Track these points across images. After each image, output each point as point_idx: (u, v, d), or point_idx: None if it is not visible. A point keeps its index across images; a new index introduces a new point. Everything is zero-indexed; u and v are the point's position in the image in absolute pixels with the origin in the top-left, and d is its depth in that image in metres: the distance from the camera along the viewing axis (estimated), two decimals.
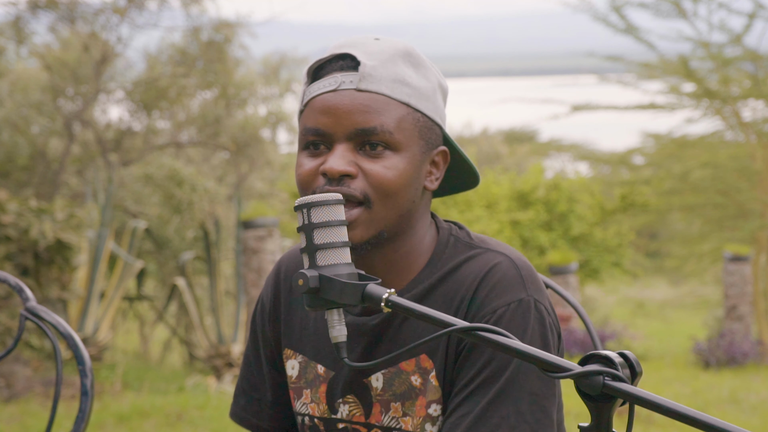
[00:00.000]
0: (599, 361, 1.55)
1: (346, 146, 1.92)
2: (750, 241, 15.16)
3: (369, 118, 1.91)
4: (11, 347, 2.37)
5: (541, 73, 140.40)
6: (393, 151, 1.93)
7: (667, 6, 15.09)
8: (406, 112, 1.94)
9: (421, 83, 1.96)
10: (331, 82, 1.94)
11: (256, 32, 15.56)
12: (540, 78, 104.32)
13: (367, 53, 1.94)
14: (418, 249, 2.00)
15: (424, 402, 1.97)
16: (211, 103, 15.83)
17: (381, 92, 1.93)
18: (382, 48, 1.96)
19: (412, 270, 2.01)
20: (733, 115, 15.41)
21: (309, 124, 1.95)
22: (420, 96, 1.95)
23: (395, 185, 1.92)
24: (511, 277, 1.95)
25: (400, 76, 1.94)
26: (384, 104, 1.93)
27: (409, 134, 1.94)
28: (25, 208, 9.26)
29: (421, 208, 1.99)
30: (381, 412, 2.01)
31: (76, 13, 14.58)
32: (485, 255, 1.99)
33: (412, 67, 1.96)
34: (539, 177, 17.51)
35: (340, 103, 1.93)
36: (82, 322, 10.47)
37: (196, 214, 14.14)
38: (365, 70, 1.93)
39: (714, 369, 12.52)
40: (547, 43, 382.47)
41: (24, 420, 8.00)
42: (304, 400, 2.08)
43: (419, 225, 2.00)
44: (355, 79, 1.93)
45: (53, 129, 14.40)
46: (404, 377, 1.98)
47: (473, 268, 1.97)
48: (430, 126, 1.97)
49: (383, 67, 1.94)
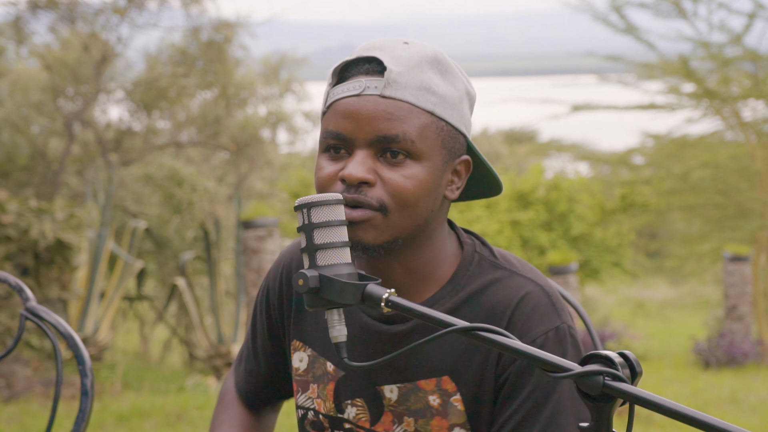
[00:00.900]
0: (599, 361, 1.55)
1: (366, 152, 1.89)
2: (750, 241, 15.16)
3: (391, 125, 1.88)
4: (11, 347, 2.37)
5: (541, 73, 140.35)
6: (414, 160, 1.89)
7: (667, 6, 15.09)
8: (429, 120, 1.90)
9: (448, 91, 1.93)
10: (356, 86, 1.91)
11: (256, 32, 15.55)
12: (540, 78, 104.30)
13: (394, 58, 1.91)
14: (438, 259, 1.98)
15: (445, 424, 1.96)
16: (211, 103, 15.83)
17: (405, 99, 1.89)
18: (410, 53, 1.92)
19: (432, 281, 1.99)
20: (733, 115, 15.41)
21: (331, 126, 1.92)
22: (445, 104, 1.92)
23: (414, 195, 1.89)
24: (545, 306, 1.95)
25: (426, 84, 1.91)
26: (408, 112, 1.89)
27: (432, 143, 1.90)
28: (25, 208, 9.26)
29: (439, 216, 1.97)
30: (393, 422, 1.99)
31: (76, 13, 14.58)
32: (513, 279, 1.98)
33: (439, 75, 1.93)
34: (539, 177, 17.49)
35: (363, 108, 1.89)
36: (82, 322, 10.47)
37: (196, 214, 14.14)
38: (391, 76, 1.89)
39: (714, 369, 12.51)
40: (547, 43, 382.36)
41: (24, 420, 8.00)
42: (311, 394, 2.06)
43: (437, 233, 1.98)
44: (380, 85, 1.89)
45: (53, 129, 14.40)
46: (421, 395, 1.96)
47: (503, 293, 1.96)
48: (454, 135, 1.94)
49: (409, 74, 1.90)
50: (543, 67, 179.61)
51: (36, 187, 14.01)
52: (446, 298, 1.97)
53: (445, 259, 1.99)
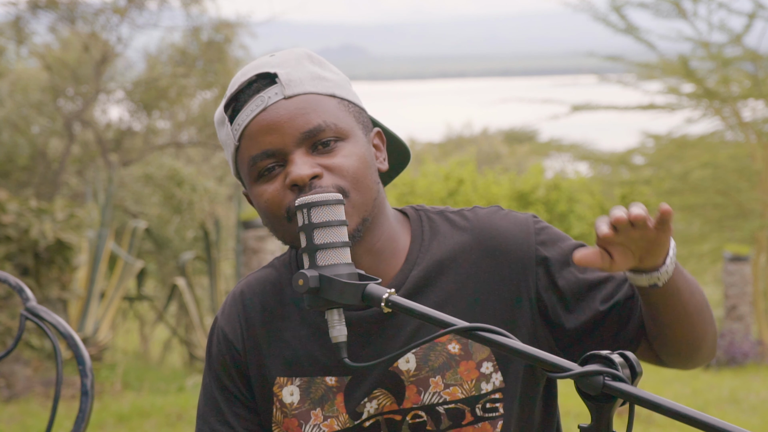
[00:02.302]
0: (599, 361, 1.55)
1: (301, 152, 1.90)
2: (750, 241, 15.17)
3: (309, 118, 1.91)
4: (11, 347, 2.37)
5: (541, 73, 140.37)
6: (343, 141, 1.92)
7: (667, 6, 15.10)
8: (336, 102, 1.94)
9: (333, 76, 1.97)
10: (257, 103, 1.92)
11: (256, 32, 15.57)
12: (540, 78, 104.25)
13: (275, 66, 1.94)
14: (395, 233, 2.00)
15: (473, 365, 1.95)
16: (211, 103, 15.84)
17: (308, 91, 1.92)
18: (285, 57, 1.96)
19: (397, 255, 2.00)
20: (733, 115, 15.42)
21: (254, 151, 1.91)
22: (340, 86, 1.96)
23: (361, 169, 1.92)
24: (506, 213, 2.03)
25: (316, 73, 1.95)
26: (315, 102, 1.92)
27: (349, 121, 1.94)
28: (26, 208, 9.26)
29: (382, 191, 2.00)
30: (419, 393, 1.96)
31: (76, 13, 14.59)
32: (467, 212, 2.04)
33: (318, 65, 1.97)
34: (539, 177, 17.50)
35: (276, 116, 1.90)
36: (82, 322, 10.47)
37: (196, 214, 14.14)
38: (283, 77, 1.92)
39: (714, 369, 12.52)
40: (547, 43, 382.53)
41: (24, 420, 8.00)
42: (315, 421, 2.00)
43: (386, 209, 2.00)
44: (279, 90, 1.92)
45: (53, 129, 14.40)
46: (440, 349, 1.96)
47: (474, 224, 2.01)
48: (360, 110, 1.98)
49: (297, 71, 1.94)
50: (543, 67, 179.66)
51: (36, 187, 14.01)
52: (420, 258, 1.99)
53: (400, 231, 2.02)
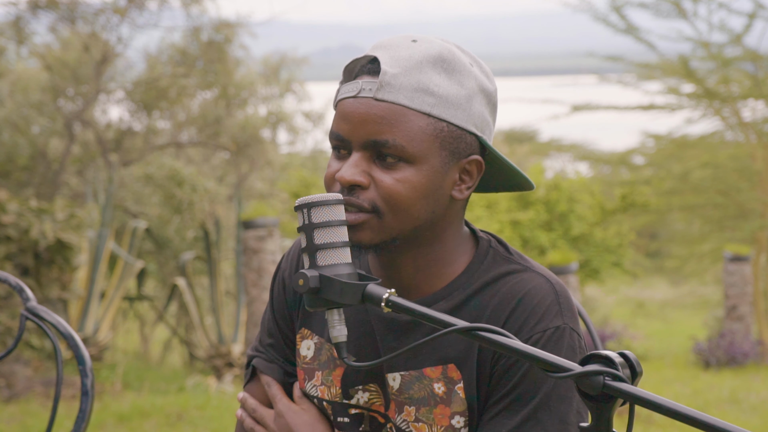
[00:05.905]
0: (599, 361, 1.55)
1: (361, 155, 1.89)
2: (750, 241, 15.16)
3: (381, 129, 1.87)
4: (12, 347, 2.37)
5: (541, 73, 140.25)
6: (408, 164, 1.87)
7: (667, 6, 15.09)
8: (426, 122, 1.87)
9: (452, 90, 1.89)
10: (354, 87, 1.90)
11: (256, 32, 15.56)
12: (540, 78, 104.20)
13: (393, 58, 1.89)
14: (450, 257, 1.97)
15: (448, 412, 1.95)
16: (211, 103, 15.84)
17: (399, 102, 1.87)
18: (412, 53, 1.89)
19: (443, 277, 1.97)
20: (733, 115, 15.41)
21: (333, 127, 1.93)
22: (446, 104, 1.88)
23: (407, 199, 1.87)
24: (550, 303, 1.92)
25: (424, 85, 1.87)
26: (400, 115, 1.87)
27: (428, 146, 1.87)
28: (26, 208, 9.26)
29: (449, 216, 1.95)
30: (395, 411, 1.99)
31: (77, 13, 14.58)
32: (525, 274, 1.96)
33: (443, 73, 1.89)
34: (539, 177, 17.49)
35: (356, 111, 1.88)
36: (83, 322, 10.47)
37: (197, 214, 14.14)
38: (385, 78, 1.87)
39: (714, 369, 12.51)
40: (547, 43, 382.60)
41: (24, 420, 8.00)
42: (315, 382, 2.06)
43: (448, 233, 1.96)
44: (375, 88, 1.88)
45: (53, 129, 14.39)
46: (426, 383, 1.96)
47: (512, 285, 1.94)
48: (458, 135, 1.90)
49: (406, 75, 1.87)
50: (543, 67, 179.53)
51: (36, 187, 14.00)
52: (459, 291, 1.96)
53: (458, 257, 1.98)
